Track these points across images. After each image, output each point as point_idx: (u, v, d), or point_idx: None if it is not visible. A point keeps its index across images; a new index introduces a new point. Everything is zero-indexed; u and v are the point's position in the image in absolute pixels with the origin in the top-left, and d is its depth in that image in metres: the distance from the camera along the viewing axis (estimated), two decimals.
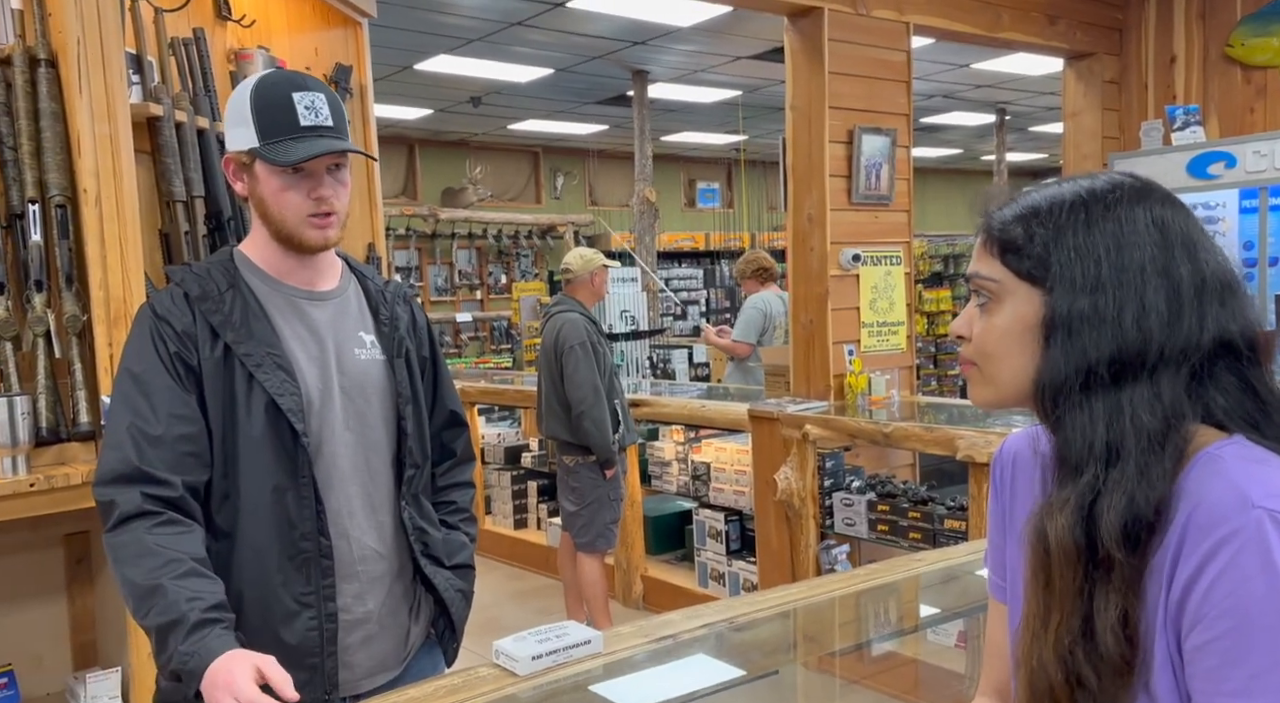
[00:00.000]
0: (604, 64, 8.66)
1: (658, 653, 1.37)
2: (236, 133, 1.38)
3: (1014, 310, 0.83)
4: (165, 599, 1.15)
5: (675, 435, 4.49)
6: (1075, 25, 4.70)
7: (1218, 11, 4.54)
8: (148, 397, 1.30)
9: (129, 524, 1.23)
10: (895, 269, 4.04)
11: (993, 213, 0.87)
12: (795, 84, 3.91)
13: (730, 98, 9.88)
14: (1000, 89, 10.50)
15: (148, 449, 1.27)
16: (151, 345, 1.33)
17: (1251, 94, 4.45)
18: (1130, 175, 0.84)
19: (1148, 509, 0.75)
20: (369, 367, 1.47)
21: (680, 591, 4.35)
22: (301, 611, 1.37)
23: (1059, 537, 0.78)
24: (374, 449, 1.46)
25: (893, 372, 3.95)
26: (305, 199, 1.36)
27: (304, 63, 3.14)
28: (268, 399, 1.35)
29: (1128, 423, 0.76)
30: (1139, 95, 4.86)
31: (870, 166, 3.90)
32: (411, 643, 1.51)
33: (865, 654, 1.78)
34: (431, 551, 1.50)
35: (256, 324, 1.38)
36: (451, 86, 9.21)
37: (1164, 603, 0.75)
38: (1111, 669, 0.76)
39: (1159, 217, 0.81)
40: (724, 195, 13.88)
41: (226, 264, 1.43)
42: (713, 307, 11.05)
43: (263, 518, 1.36)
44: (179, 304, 1.36)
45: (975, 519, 3.16)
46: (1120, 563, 0.76)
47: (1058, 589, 0.79)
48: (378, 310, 1.52)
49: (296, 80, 1.39)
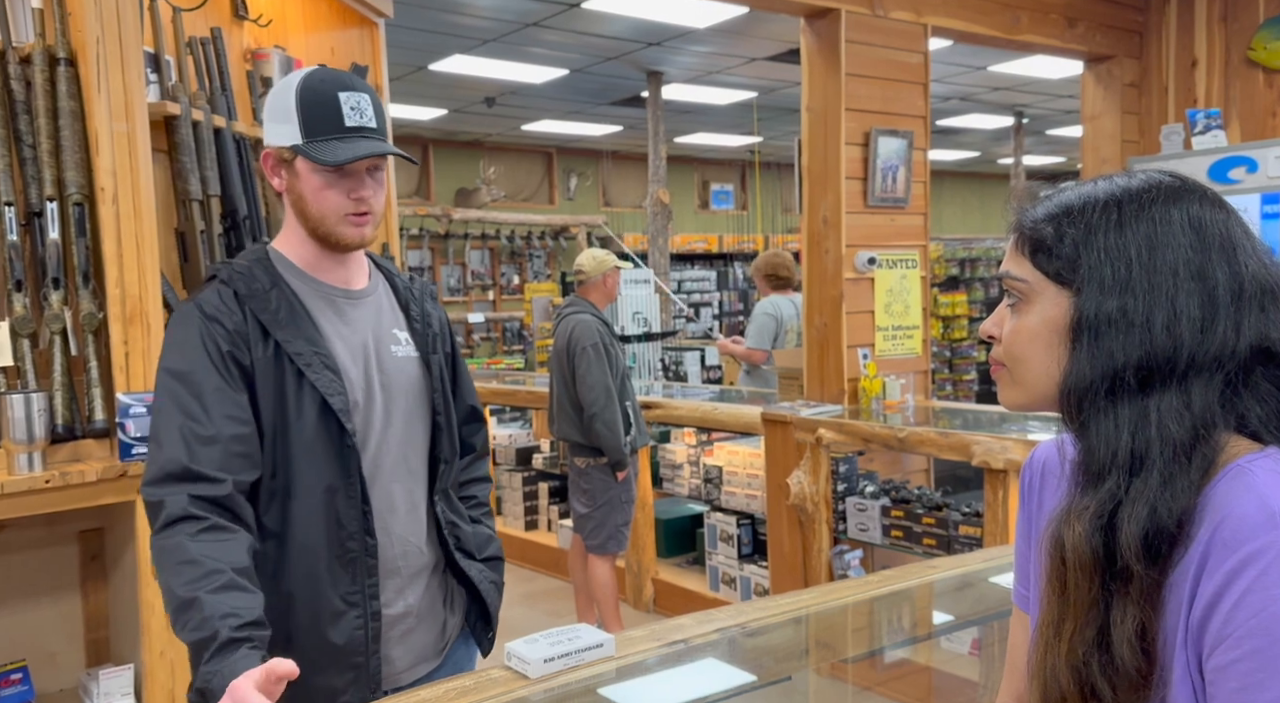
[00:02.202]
0: (619, 65, 8.66)
1: (669, 657, 1.36)
2: (279, 128, 1.38)
3: (1043, 312, 0.81)
4: (200, 614, 1.13)
5: (687, 438, 4.47)
6: (1095, 28, 4.67)
7: (1239, 15, 4.50)
8: (199, 397, 1.29)
9: (174, 527, 1.21)
10: (911, 273, 4.01)
11: (1025, 211, 0.85)
12: (811, 86, 3.89)
13: (745, 99, 9.86)
14: (1018, 92, 10.44)
15: (199, 449, 1.25)
16: (201, 345, 1.32)
17: (1273, 98, 4.40)
18: (1169, 174, 0.82)
19: (1170, 521, 0.73)
20: (405, 365, 1.48)
21: (691, 594, 4.34)
22: (348, 610, 1.37)
23: (1076, 544, 0.76)
24: (412, 446, 1.48)
25: (908, 376, 3.92)
26: (345, 198, 1.37)
27: (320, 62, 3.14)
28: (319, 399, 1.35)
29: (1154, 431, 0.74)
30: (1159, 99, 4.82)
31: (886, 169, 3.88)
32: (449, 634, 1.53)
33: (878, 661, 1.77)
34: (463, 544, 1.53)
35: (302, 323, 1.38)
36: (466, 87, 9.23)
37: (1185, 620, 0.73)
38: (1127, 683, 0.74)
39: (1196, 217, 0.78)
40: (738, 197, 13.86)
41: (265, 262, 1.43)
42: (725, 309, 11.03)
43: (313, 518, 1.36)
44: (228, 303, 1.36)
45: (990, 526, 3.14)
46: (1139, 575, 0.74)
47: (1072, 598, 0.77)
48: (408, 308, 1.53)
49: (343, 79, 1.39)
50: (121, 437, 1.93)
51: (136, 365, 2.01)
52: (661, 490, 4.60)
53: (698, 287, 11.09)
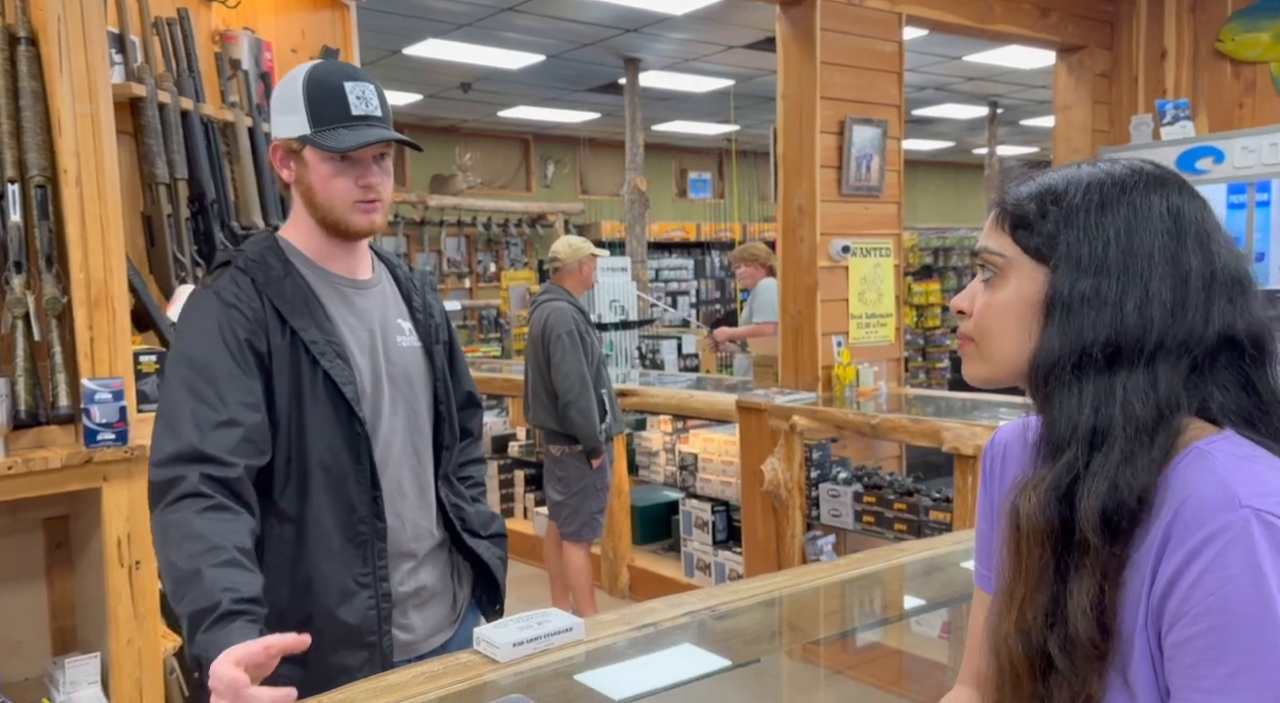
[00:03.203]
0: (596, 51, 8.62)
1: (639, 641, 1.36)
2: (286, 120, 1.41)
3: (1018, 287, 0.83)
4: (201, 586, 1.14)
5: (663, 426, 4.48)
6: (1067, 18, 4.70)
7: (1208, 7, 4.54)
8: (212, 383, 1.30)
9: (181, 503, 1.22)
10: (884, 261, 4.04)
11: (1008, 189, 0.86)
12: (786, 74, 3.89)
13: (722, 87, 9.85)
14: (992, 82, 10.50)
15: (211, 433, 1.27)
16: (217, 332, 1.34)
17: (1240, 90, 4.45)
18: (1151, 163, 0.83)
19: (1130, 498, 0.74)
20: (410, 354, 1.52)
21: (666, 581, 4.35)
22: (360, 591, 1.41)
23: (1030, 513, 0.78)
24: (419, 433, 1.52)
25: (881, 364, 3.95)
26: (353, 186, 1.40)
27: (290, 45, 3.11)
28: (332, 386, 1.39)
29: (1117, 409, 0.75)
30: (1129, 89, 4.86)
31: (861, 158, 3.89)
32: (460, 606, 1.59)
33: (848, 644, 1.78)
34: (469, 524, 1.58)
35: (315, 311, 1.42)
36: (441, 72, 9.15)
37: (1146, 597, 0.75)
38: (1082, 654, 0.76)
39: (1174, 205, 0.79)
40: (715, 186, 13.86)
41: (276, 250, 1.45)
42: (703, 297, 11.04)
43: (327, 502, 1.40)
44: (246, 290, 1.38)
45: (960, 511, 3.17)
46: (1097, 549, 0.75)
47: (1025, 565, 0.79)
48: (410, 298, 1.57)
49: (348, 70, 1.43)
50: (87, 423, 1.91)
51: (102, 351, 1.99)
52: (638, 478, 4.61)
53: (675, 275, 11.10)
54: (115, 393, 1.95)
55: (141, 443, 1.97)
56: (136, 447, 1.95)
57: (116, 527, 1.96)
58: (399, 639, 1.47)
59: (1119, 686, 0.76)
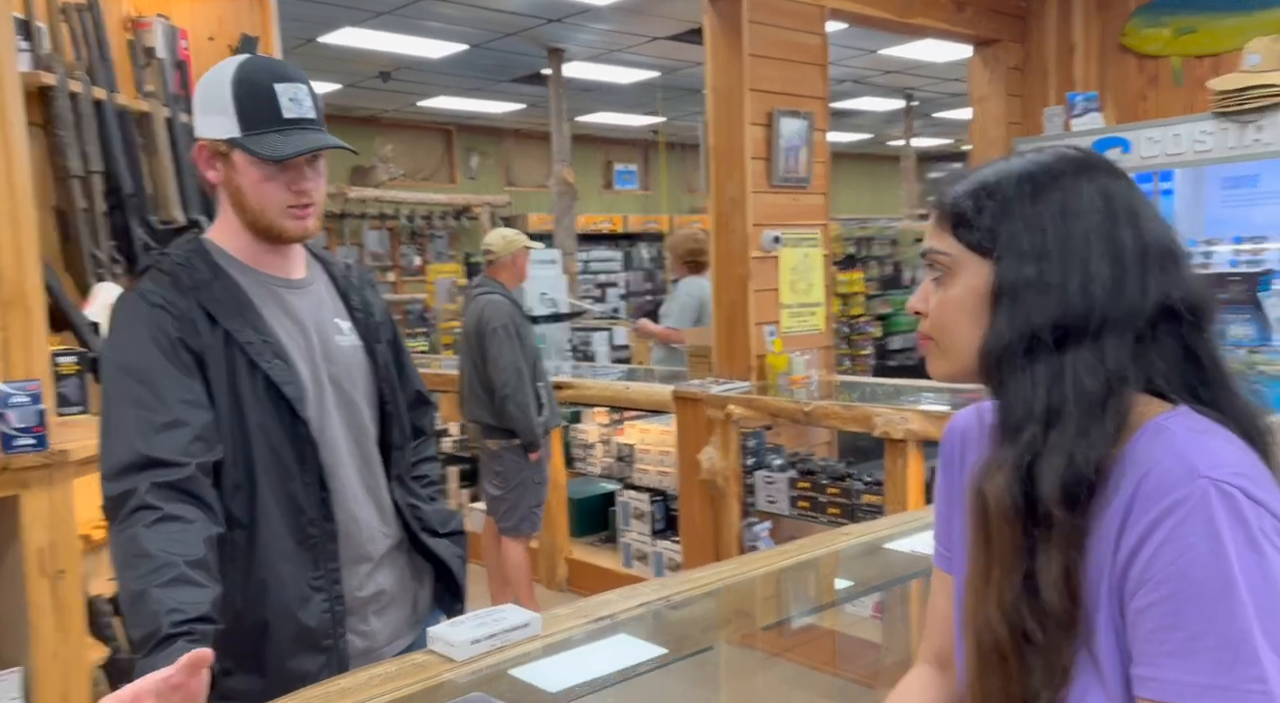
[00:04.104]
0: (519, 41, 8.52)
1: (596, 633, 1.37)
2: (213, 120, 1.36)
3: (966, 283, 0.85)
4: (147, 609, 1.11)
5: (599, 418, 4.48)
6: (981, 12, 4.84)
7: (1113, 3, 4.73)
8: (150, 387, 1.26)
9: (132, 518, 1.19)
10: (813, 251, 4.10)
11: (945, 190, 0.89)
12: (715, 66, 3.92)
13: (648, 79, 9.86)
14: (908, 75, 10.74)
15: (155, 437, 1.23)
16: (148, 335, 1.29)
17: (1144, 82, 4.66)
18: (1076, 148, 0.87)
19: (1087, 469, 0.77)
20: (351, 354, 1.49)
21: (605, 572, 4.37)
22: (313, 595, 1.39)
23: (997, 495, 0.81)
24: (364, 433, 1.49)
25: (812, 352, 4.02)
26: (286, 191, 1.36)
27: (207, 32, 3.00)
28: (272, 388, 1.35)
29: (1069, 386, 0.79)
30: (1041, 82, 5.03)
31: (789, 149, 3.94)
32: (420, 608, 1.58)
33: (786, 629, 1.82)
34: (426, 524, 1.55)
35: (248, 313, 1.37)
36: (359, 61, 8.93)
37: (1110, 568, 0.78)
38: (1056, 624, 0.79)
39: (1103, 187, 0.83)
40: (641, 177, 13.88)
41: (202, 253, 1.40)
42: (632, 289, 11.06)
43: (276, 505, 1.36)
44: (171, 292, 1.34)
45: (891, 493, 3.26)
46: (1060, 521, 0.78)
47: (997, 546, 0.82)
48: (348, 296, 1.53)
49: (278, 70, 1.38)
50: (2, 428, 1.82)
51: (17, 353, 1.89)
52: (574, 470, 4.60)
53: (604, 267, 11.08)
54: (33, 396, 1.86)
55: (63, 448, 1.89)
56: (58, 452, 1.87)
57: (37, 536, 1.88)
58: (358, 646, 1.45)
59: (1085, 657, 0.79)
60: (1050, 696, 0.79)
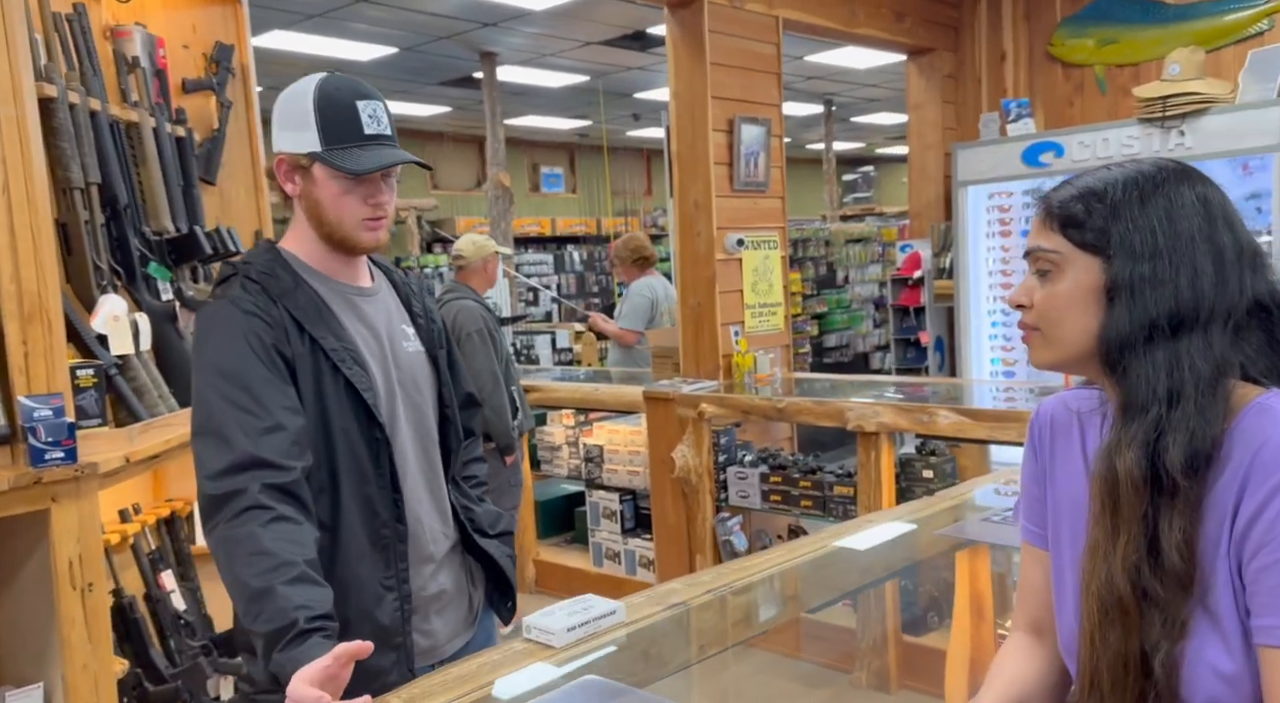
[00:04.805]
0: (451, 44, 8.48)
1: (672, 619, 1.44)
2: (294, 135, 1.40)
3: (1075, 278, 0.95)
4: (275, 604, 1.15)
5: (565, 420, 4.53)
6: (918, 22, 5.07)
7: (1040, 14, 5.03)
8: (248, 391, 1.30)
9: (245, 516, 1.22)
10: (773, 253, 4.24)
11: (1050, 195, 0.99)
12: (678, 73, 4.02)
13: (578, 83, 9.91)
14: (828, 81, 11.06)
15: (261, 439, 1.27)
16: (244, 340, 1.33)
17: (1070, 89, 4.95)
18: (1172, 161, 0.98)
19: (1206, 444, 0.88)
20: (416, 360, 1.54)
21: (574, 572, 4.42)
22: (385, 594, 1.42)
23: (1128, 468, 0.91)
24: (428, 437, 1.54)
25: (775, 350, 4.16)
26: (363, 204, 1.41)
27: (182, 40, 2.96)
28: (353, 393, 1.39)
29: (1186, 370, 0.89)
30: (974, 89, 5.30)
31: (749, 155, 4.07)
32: (475, 607, 1.62)
33: None
34: (478, 524, 1.60)
35: (329, 320, 1.42)
36: (286, 64, 8.73)
37: (1228, 533, 0.89)
38: (1175, 582, 0.89)
39: (1201, 194, 0.94)
40: (568, 180, 13.91)
41: (281, 262, 1.44)
42: (564, 292, 11.09)
43: (355, 508, 1.40)
44: (262, 299, 1.38)
45: (864, 484, 3.41)
46: (1183, 489, 0.89)
47: (1125, 514, 0.92)
48: (410, 304, 1.58)
49: (359, 88, 1.43)
50: (33, 442, 1.78)
51: (38, 366, 1.86)
52: (539, 473, 4.64)
53: (535, 270, 11.08)
54: (56, 409, 1.83)
55: (91, 460, 1.87)
56: (87, 464, 1.84)
57: (67, 548, 1.84)
58: (422, 645, 1.49)
59: (1201, 614, 0.90)
60: (1169, 647, 0.89)
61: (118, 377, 2.19)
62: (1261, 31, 4.25)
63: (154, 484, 2.73)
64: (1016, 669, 1.09)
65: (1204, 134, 3.98)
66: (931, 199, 5.41)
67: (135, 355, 2.28)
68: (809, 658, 3.50)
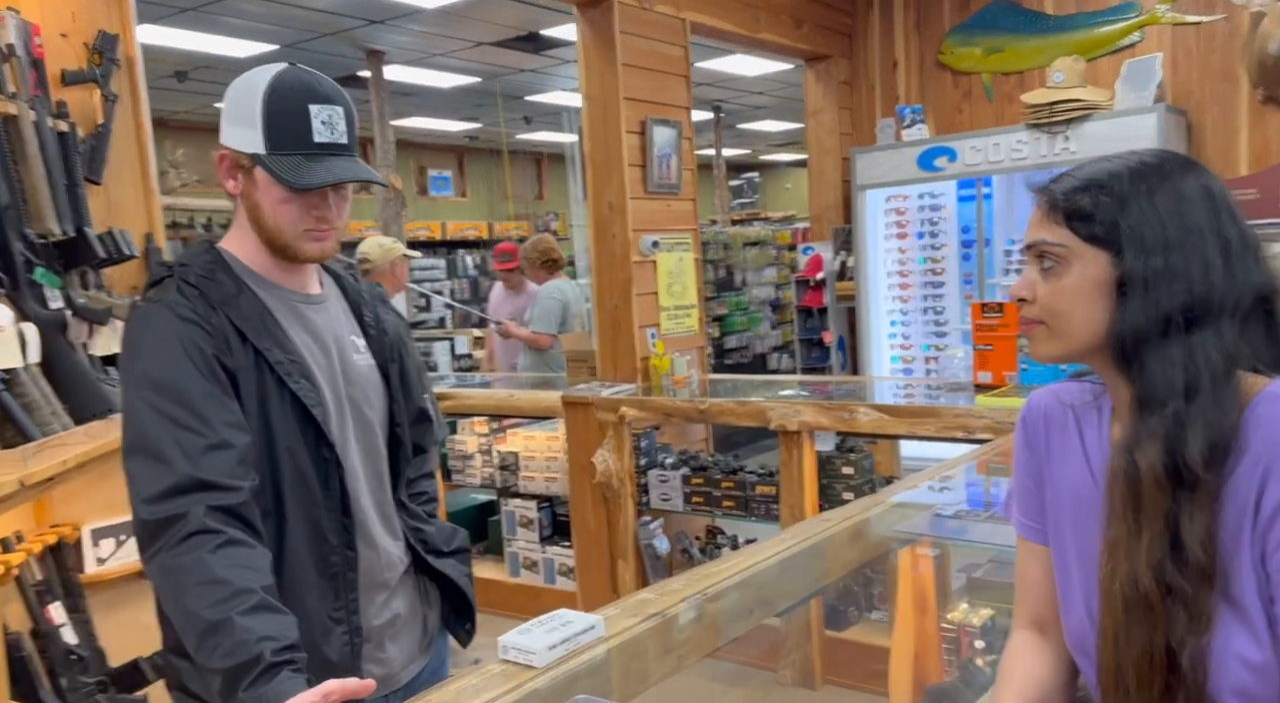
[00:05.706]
0: (335, 42, 8.17)
1: (653, 631, 1.39)
2: (239, 131, 1.27)
3: (1082, 271, 0.94)
4: (234, 637, 1.03)
5: (478, 427, 4.41)
6: (815, 29, 5.18)
7: (930, 23, 5.21)
8: (188, 406, 1.17)
9: (189, 542, 1.09)
10: (686, 255, 4.25)
11: (1052, 186, 0.97)
12: (589, 75, 3.97)
13: (469, 84, 9.72)
14: (718, 88, 11.22)
15: (203, 458, 1.14)
16: (181, 350, 1.19)
17: (959, 96, 5.16)
18: (1170, 151, 0.98)
19: (1224, 435, 0.89)
20: (367, 372, 1.42)
21: (490, 582, 4.29)
22: (334, 627, 1.32)
23: (1150, 464, 0.90)
24: (378, 456, 1.43)
25: (690, 352, 4.15)
26: (306, 214, 1.30)
27: (60, 28, 2.72)
28: (300, 409, 1.28)
29: (1201, 363, 0.89)
30: (868, 96, 5.45)
31: (662, 157, 4.06)
32: (430, 630, 1.54)
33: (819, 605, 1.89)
34: (431, 544, 1.50)
35: (274, 330, 1.29)
36: (154, 59, 8.23)
37: (1251, 522, 0.88)
38: (1197, 575, 0.89)
39: (1205, 185, 0.94)
40: (457, 184, 13.64)
41: (222, 265, 1.32)
42: (457, 296, 10.85)
43: (302, 534, 1.28)
44: (202, 306, 1.25)
45: (787, 483, 3.43)
46: (1203, 483, 0.88)
47: (1148, 511, 0.91)
48: (360, 313, 1.46)
49: (318, 90, 1.29)
50: None
51: None
52: (450, 483, 4.50)
53: (427, 275, 10.80)
54: None
55: None
56: None
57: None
58: (376, 674, 1.39)
59: (1224, 606, 0.90)
60: (1195, 641, 0.89)
61: (5, 393, 2.00)
62: (1134, 43, 4.52)
63: (37, 510, 2.49)
64: (1028, 668, 1.09)
65: (1087, 138, 4.20)
66: (831, 202, 5.53)
67: (23, 369, 2.08)
68: (729, 658, 3.51)
